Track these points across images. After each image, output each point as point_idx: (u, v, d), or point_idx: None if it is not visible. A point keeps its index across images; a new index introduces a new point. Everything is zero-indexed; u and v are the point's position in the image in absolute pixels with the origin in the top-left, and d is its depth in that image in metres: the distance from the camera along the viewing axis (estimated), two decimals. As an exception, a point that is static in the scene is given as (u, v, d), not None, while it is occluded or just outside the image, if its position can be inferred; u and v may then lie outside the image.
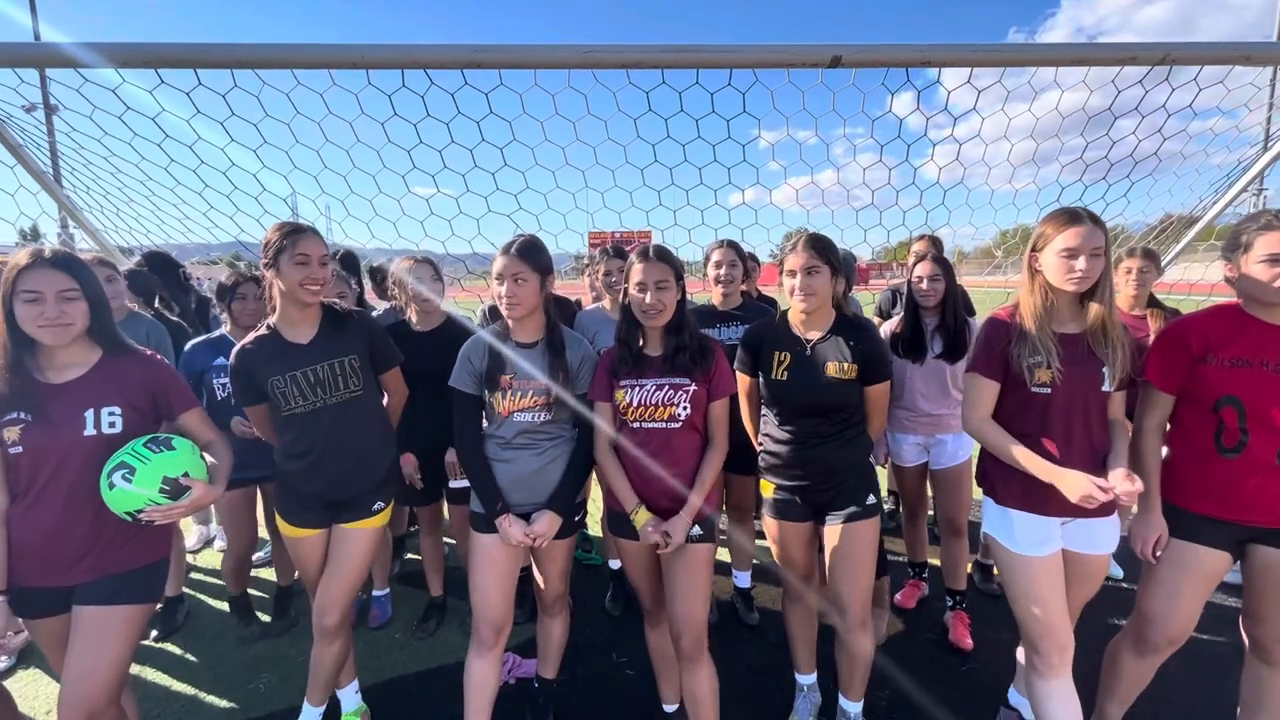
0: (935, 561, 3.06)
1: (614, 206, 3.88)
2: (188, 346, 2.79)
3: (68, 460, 1.69)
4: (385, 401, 2.35)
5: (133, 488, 1.65)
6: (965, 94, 3.72)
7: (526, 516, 2.06)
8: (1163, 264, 4.82)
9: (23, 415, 1.66)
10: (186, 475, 1.73)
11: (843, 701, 2.19)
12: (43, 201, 4.06)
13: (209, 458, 1.91)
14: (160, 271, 3.52)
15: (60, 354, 1.72)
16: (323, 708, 2.26)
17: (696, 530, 1.96)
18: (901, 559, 3.33)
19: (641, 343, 2.03)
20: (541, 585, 2.23)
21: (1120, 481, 1.67)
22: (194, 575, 3.56)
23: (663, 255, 1.96)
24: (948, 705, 2.42)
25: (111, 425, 1.74)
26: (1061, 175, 4.25)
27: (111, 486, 1.65)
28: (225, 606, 3.05)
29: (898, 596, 3.15)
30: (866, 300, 4.53)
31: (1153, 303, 3.39)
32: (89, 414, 1.72)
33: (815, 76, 3.45)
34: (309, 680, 2.22)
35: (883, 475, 3.66)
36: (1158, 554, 1.88)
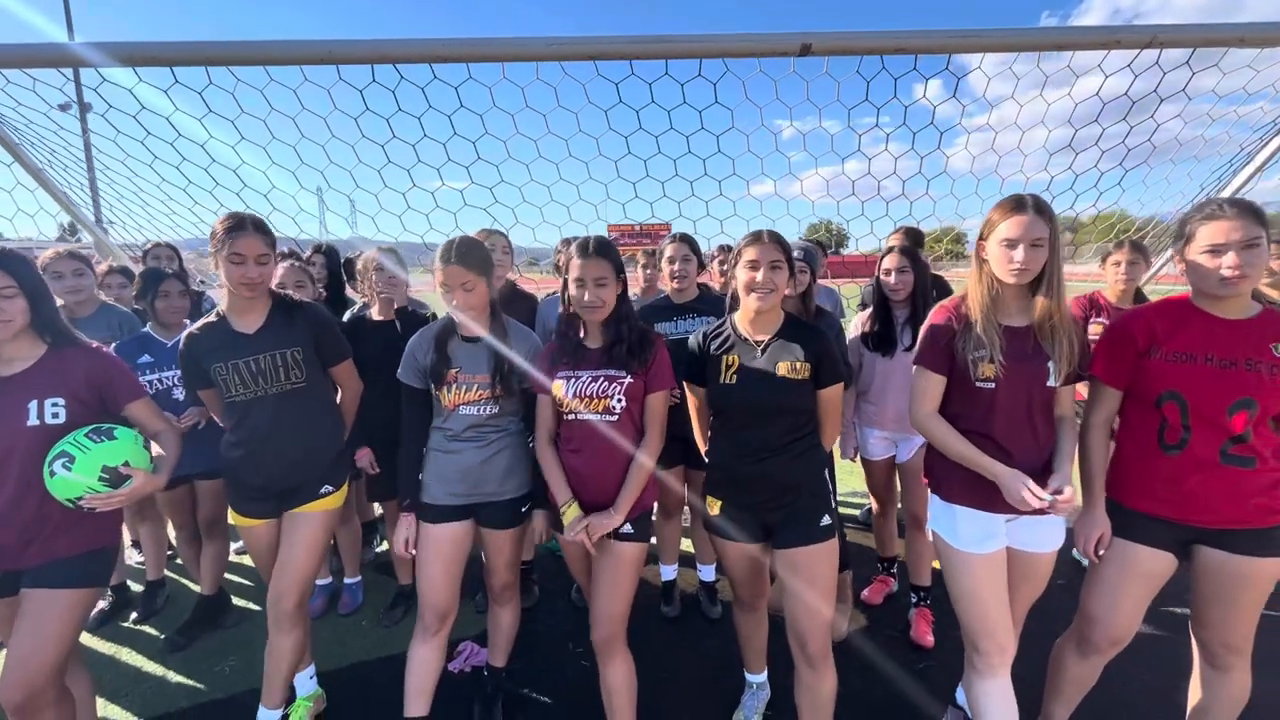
0: (905, 557, 3.01)
1: (590, 199, 3.86)
2: (113, 345, 2.77)
3: (13, 450, 1.74)
4: (340, 395, 2.38)
5: (72, 475, 1.70)
6: (969, 85, 3.63)
7: (470, 509, 2.11)
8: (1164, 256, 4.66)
9: None
10: (127, 464, 1.78)
11: None
12: (40, 198, 4.19)
13: (157, 448, 1.97)
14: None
15: (5, 348, 1.78)
16: (279, 711, 2.23)
17: (627, 528, 1.95)
18: (870, 553, 3.30)
19: (582, 334, 2.03)
20: (490, 575, 2.25)
21: (1057, 493, 1.62)
22: (178, 560, 3.65)
23: (602, 250, 1.92)
24: (898, 703, 2.40)
25: (55, 416, 1.79)
26: (1101, 160, 4.09)
27: (52, 474, 1.71)
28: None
29: (865, 592, 3.12)
30: (852, 293, 4.47)
31: (1139, 298, 3.31)
32: (33, 405, 1.77)
33: (802, 64, 3.38)
34: (265, 679, 2.19)
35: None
36: (1100, 552, 1.84)
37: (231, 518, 2.21)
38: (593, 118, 3.48)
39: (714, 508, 2.00)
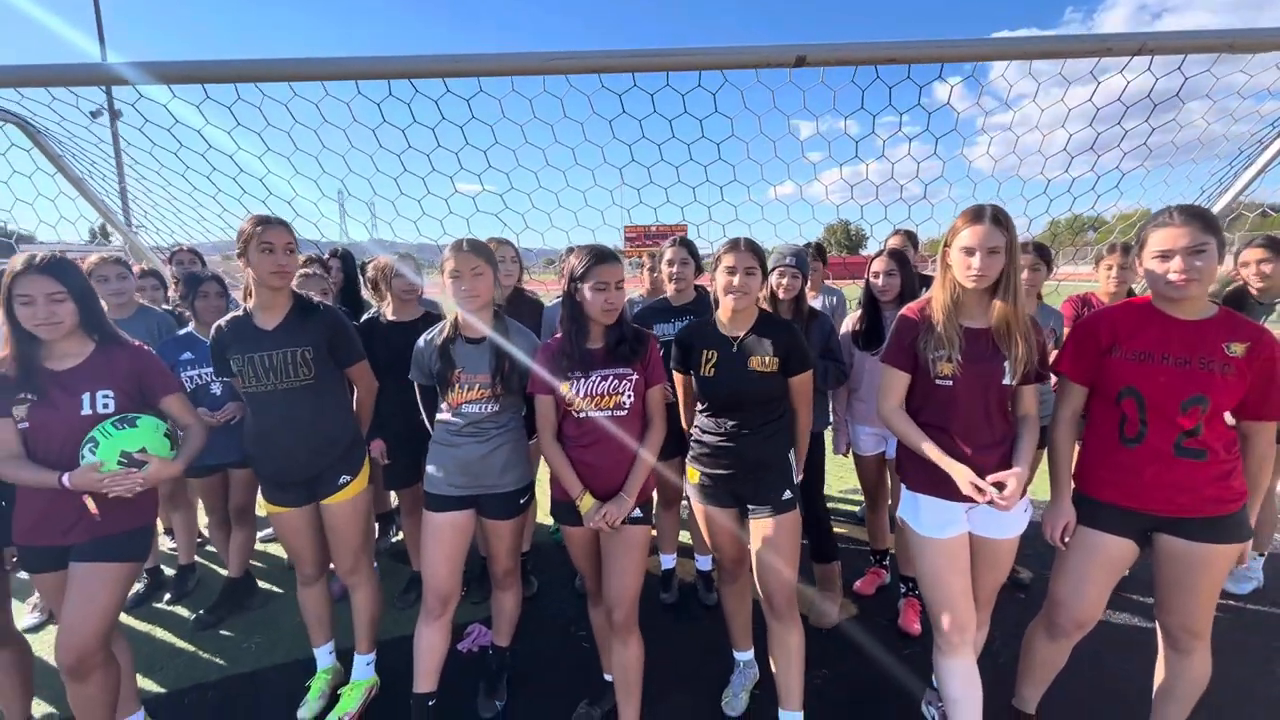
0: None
1: (596, 204, 4.01)
2: (160, 343, 2.98)
3: (69, 436, 1.94)
4: (356, 395, 2.54)
5: (95, 459, 1.90)
6: (966, 88, 3.72)
7: (471, 500, 2.25)
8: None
9: (29, 395, 1.93)
10: (144, 450, 1.97)
11: (783, 715, 2.15)
12: (81, 206, 4.45)
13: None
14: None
15: (58, 345, 1.98)
16: (371, 655, 2.58)
17: (636, 512, 2.08)
18: (866, 547, 3.40)
19: (585, 338, 2.15)
20: (492, 562, 2.40)
21: (1001, 486, 1.75)
22: (209, 547, 3.87)
23: (616, 255, 2.08)
24: (881, 686, 2.52)
25: (105, 406, 2.00)
26: (1123, 161, 4.17)
27: (82, 457, 1.91)
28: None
29: (858, 583, 3.22)
30: (852, 295, 4.56)
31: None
32: (86, 396, 1.97)
33: (798, 74, 3.50)
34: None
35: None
36: (1066, 540, 1.94)
37: (263, 507, 2.39)
38: (597, 127, 3.65)
39: (694, 476, 2.23)
